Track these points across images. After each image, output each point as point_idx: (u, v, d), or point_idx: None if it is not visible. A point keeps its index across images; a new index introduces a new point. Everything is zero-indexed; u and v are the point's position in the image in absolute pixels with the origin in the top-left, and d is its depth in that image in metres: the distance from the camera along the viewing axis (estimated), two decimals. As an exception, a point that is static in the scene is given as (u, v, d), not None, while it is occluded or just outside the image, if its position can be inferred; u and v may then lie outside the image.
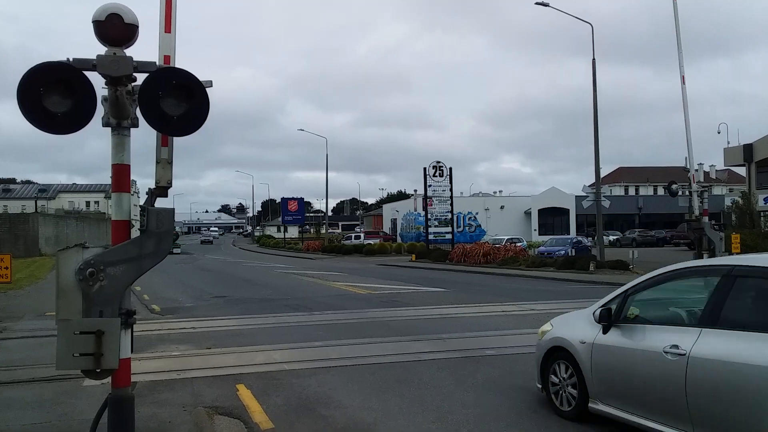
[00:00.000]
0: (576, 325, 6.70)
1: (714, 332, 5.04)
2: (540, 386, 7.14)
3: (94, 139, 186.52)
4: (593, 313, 6.35)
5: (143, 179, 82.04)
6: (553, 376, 6.86)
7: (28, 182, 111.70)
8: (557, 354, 6.80)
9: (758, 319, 4.92)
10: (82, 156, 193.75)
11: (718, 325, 5.06)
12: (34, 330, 12.85)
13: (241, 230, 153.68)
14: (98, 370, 4.28)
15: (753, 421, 4.52)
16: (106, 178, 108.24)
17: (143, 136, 4.68)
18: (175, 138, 4.82)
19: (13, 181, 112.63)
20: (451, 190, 41.17)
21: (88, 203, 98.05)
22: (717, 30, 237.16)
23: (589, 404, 6.27)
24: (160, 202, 4.79)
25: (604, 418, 6.08)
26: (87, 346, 4.20)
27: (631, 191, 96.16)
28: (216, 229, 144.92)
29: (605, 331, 6.10)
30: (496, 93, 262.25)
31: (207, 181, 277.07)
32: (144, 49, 4.56)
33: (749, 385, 4.57)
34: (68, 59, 4.23)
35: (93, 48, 4.29)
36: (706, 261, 7.28)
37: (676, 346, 5.20)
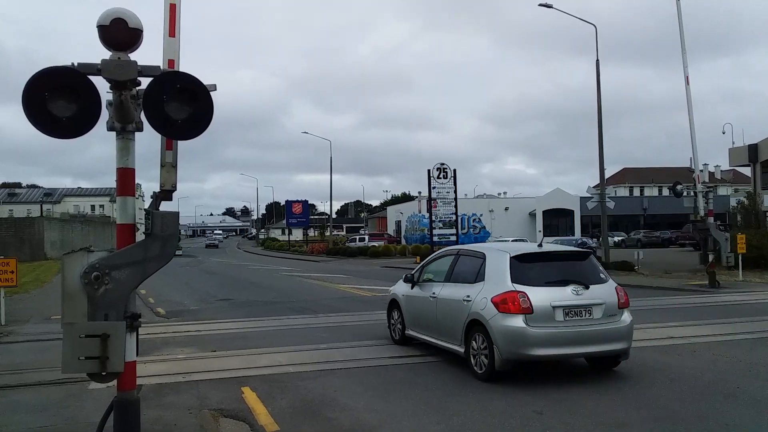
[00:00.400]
0: (402, 286, 10.82)
1: (448, 284, 9.33)
2: (387, 327, 11.43)
3: (97, 143, 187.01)
4: (403, 277, 10.82)
5: (148, 183, 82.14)
6: (391, 318, 11.20)
7: (34, 186, 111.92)
8: (393, 304, 11.13)
9: (461, 277, 9.10)
10: (85, 160, 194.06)
11: (450, 280, 9.36)
12: (40, 333, 12.89)
13: (246, 233, 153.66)
14: (104, 374, 4.30)
15: (456, 328, 8.69)
16: (110, 181, 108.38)
17: (147, 140, 4.70)
18: (179, 141, 4.84)
19: (18, 185, 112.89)
20: (455, 191, 41.11)
21: (93, 207, 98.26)
22: (718, 29, 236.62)
23: (406, 332, 10.54)
24: (164, 206, 4.81)
25: (412, 339, 10.40)
26: (92, 350, 4.22)
27: (636, 192, 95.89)
28: (220, 232, 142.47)
29: (412, 287, 10.41)
30: (498, 93, 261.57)
31: (211, 184, 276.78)
32: (148, 54, 4.59)
33: (454, 310, 8.84)
34: (73, 64, 4.25)
35: (94, 49, 4.32)
36: (453, 247, 10.90)
37: (434, 293, 9.53)
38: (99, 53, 4.36)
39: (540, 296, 7.86)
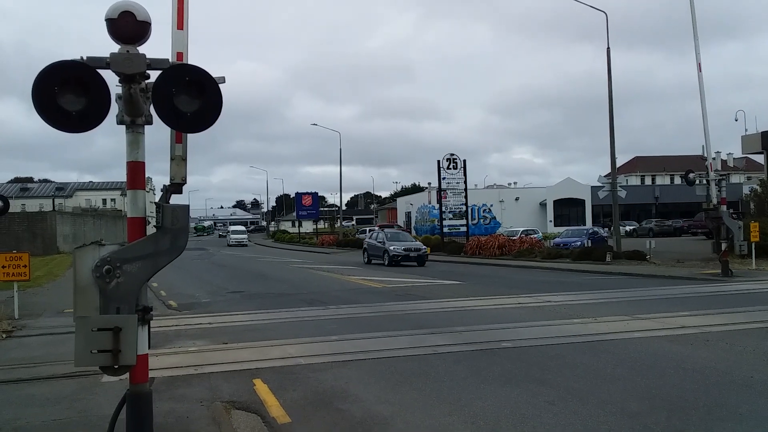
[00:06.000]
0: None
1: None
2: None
3: (102, 137, 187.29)
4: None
5: (158, 176, 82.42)
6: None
7: (46, 181, 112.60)
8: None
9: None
10: (90, 154, 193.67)
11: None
12: (53, 327, 12.98)
13: (255, 226, 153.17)
14: (116, 367, 4.30)
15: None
16: (115, 175, 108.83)
17: (155, 133, 4.69)
18: (188, 134, 4.83)
19: (30, 180, 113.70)
20: (465, 182, 41.04)
21: (104, 201, 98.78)
22: (727, 13, 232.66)
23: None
24: (174, 199, 4.81)
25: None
26: (105, 343, 4.23)
27: (648, 181, 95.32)
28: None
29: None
30: (504, 82, 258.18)
31: (217, 177, 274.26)
32: (157, 47, 4.57)
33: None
34: (82, 57, 4.24)
35: (91, 43, 4.32)
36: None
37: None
38: (96, 47, 4.37)
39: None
